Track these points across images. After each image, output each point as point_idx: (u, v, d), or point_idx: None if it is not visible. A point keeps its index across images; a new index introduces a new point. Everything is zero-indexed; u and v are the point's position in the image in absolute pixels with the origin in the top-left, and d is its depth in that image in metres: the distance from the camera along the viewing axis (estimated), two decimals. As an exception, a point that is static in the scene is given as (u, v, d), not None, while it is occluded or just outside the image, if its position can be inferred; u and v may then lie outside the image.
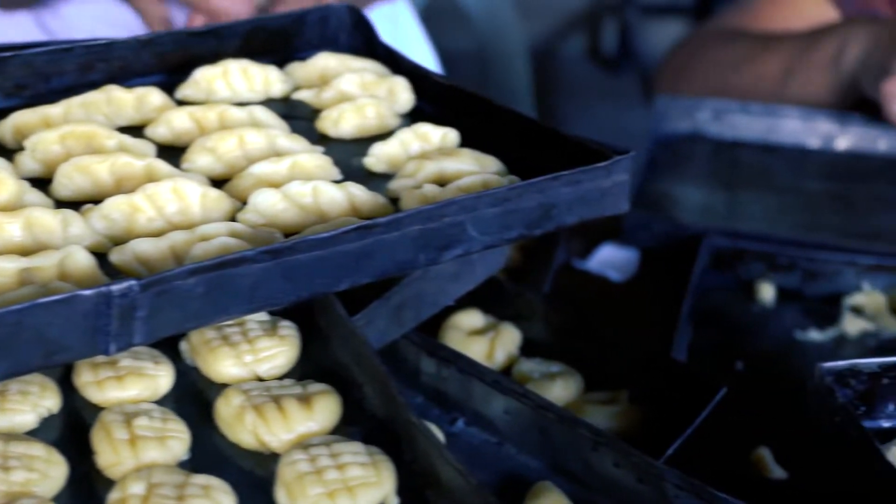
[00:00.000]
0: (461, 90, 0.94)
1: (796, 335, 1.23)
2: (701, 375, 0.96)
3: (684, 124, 1.56)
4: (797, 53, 1.60)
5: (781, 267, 1.28)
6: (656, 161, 1.50)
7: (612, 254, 1.34)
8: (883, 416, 0.88)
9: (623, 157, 0.84)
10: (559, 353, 1.01)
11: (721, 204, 1.43)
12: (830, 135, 1.53)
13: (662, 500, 0.79)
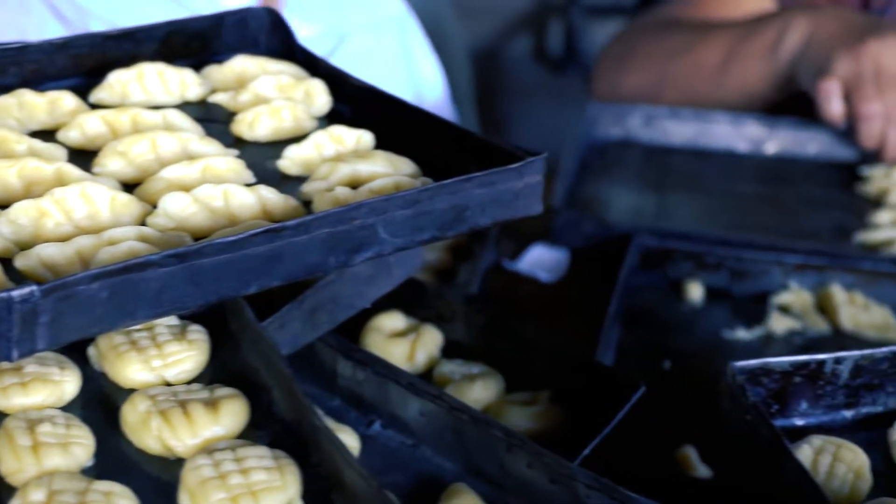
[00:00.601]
0: (378, 92, 0.94)
1: (724, 334, 1.24)
2: (621, 375, 0.96)
3: (616, 130, 1.56)
4: (736, 42, 1.60)
5: (709, 266, 1.29)
6: (588, 165, 1.51)
7: (542, 254, 1.35)
8: (796, 415, 0.89)
9: (536, 159, 0.84)
10: (481, 354, 1.01)
11: (651, 206, 1.44)
12: (760, 139, 1.54)
13: (575, 500, 0.79)
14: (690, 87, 1.64)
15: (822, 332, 1.23)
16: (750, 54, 1.58)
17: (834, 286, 1.24)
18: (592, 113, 1.55)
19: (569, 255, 1.34)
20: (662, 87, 1.66)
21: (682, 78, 1.64)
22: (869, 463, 0.84)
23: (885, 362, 0.88)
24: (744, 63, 1.59)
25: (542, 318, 1.28)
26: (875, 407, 0.90)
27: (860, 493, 0.82)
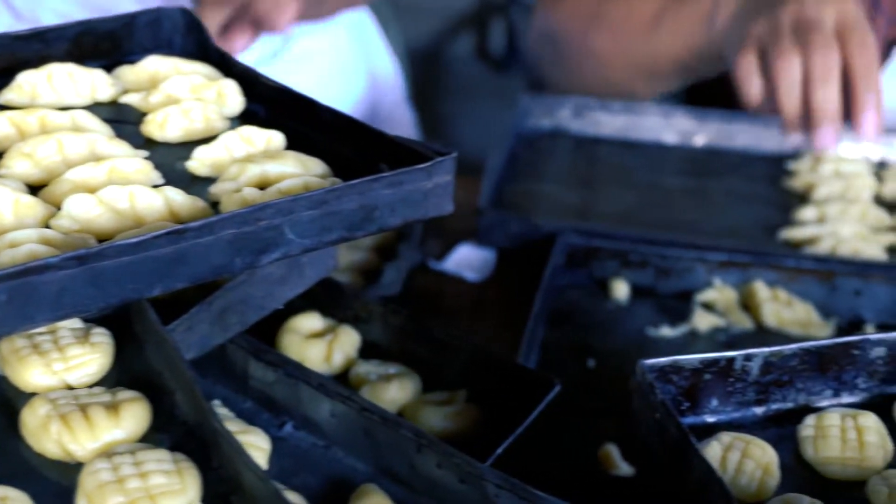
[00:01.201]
0: (292, 93, 0.94)
1: (648, 332, 1.25)
2: (536, 374, 0.96)
3: (546, 121, 1.56)
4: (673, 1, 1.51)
5: (634, 264, 1.29)
6: (518, 159, 1.51)
7: (468, 254, 1.35)
8: (707, 412, 0.89)
9: (445, 159, 0.84)
10: (398, 354, 1.01)
11: (579, 202, 1.44)
12: (689, 131, 1.54)
13: (484, 499, 0.79)
14: (621, 33, 1.57)
15: (746, 329, 1.24)
16: (684, 18, 1.50)
17: (757, 283, 1.25)
18: (523, 104, 1.55)
19: (495, 255, 1.34)
20: (593, 25, 1.60)
21: (614, 21, 1.58)
22: (777, 459, 0.85)
23: (795, 359, 0.89)
24: (677, 26, 1.51)
25: (467, 318, 1.29)
26: (785, 403, 0.90)
27: (768, 489, 0.83)
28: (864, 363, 0.90)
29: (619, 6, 1.58)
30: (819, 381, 0.90)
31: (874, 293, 1.25)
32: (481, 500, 0.79)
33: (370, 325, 1.02)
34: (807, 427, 0.87)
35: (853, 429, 0.87)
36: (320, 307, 1.03)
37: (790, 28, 1.31)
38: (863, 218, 1.37)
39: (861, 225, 1.36)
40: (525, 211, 1.40)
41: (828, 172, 1.45)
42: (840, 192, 1.41)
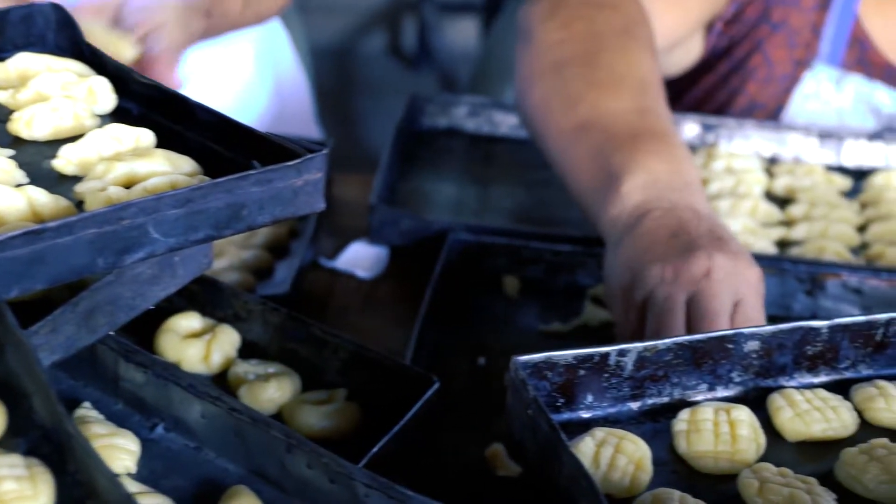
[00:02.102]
0: (164, 90, 0.92)
1: (540, 328, 1.25)
2: (415, 372, 0.96)
3: (442, 120, 1.56)
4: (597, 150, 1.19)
5: (526, 261, 1.29)
6: (414, 157, 1.50)
7: (360, 251, 1.34)
8: (582, 407, 0.89)
9: (314, 156, 0.83)
10: (278, 354, 1.00)
11: (474, 199, 1.44)
12: (583, 128, 1.54)
13: (354, 499, 0.78)
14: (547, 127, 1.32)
15: (636, 324, 1.24)
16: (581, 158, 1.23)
17: (647, 278, 1.25)
18: (417, 103, 1.54)
19: (388, 252, 1.34)
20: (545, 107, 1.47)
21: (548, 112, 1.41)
22: (650, 454, 0.85)
23: (669, 353, 0.89)
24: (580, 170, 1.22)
25: (358, 316, 1.28)
26: (661, 398, 0.91)
27: (640, 484, 0.83)
28: (738, 357, 0.91)
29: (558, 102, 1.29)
30: (694, 376, 0.90)
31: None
32: (351, 500, 0.79)
33: (250, 324, 1.01)
34: (680, 421, 0.88)
35: (726, 423, 0.87)
36: (200, 307, 1.02)
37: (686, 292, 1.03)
38: (753, 213, 1.38)
39: (751, 219, 1.37)
40: (419, 208, 1.40)
41: (720, 168, 1.46)
42: (731, 188, 1.42)
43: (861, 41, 1.52)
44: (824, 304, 1.26)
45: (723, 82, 1.57)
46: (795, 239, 1.35)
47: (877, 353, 0.94)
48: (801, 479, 0.83)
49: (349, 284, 1.32)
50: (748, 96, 1.55)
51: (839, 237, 1.34)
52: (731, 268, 1.02)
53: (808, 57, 1.52)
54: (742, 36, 1.53)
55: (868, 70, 1.53)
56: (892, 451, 0.85)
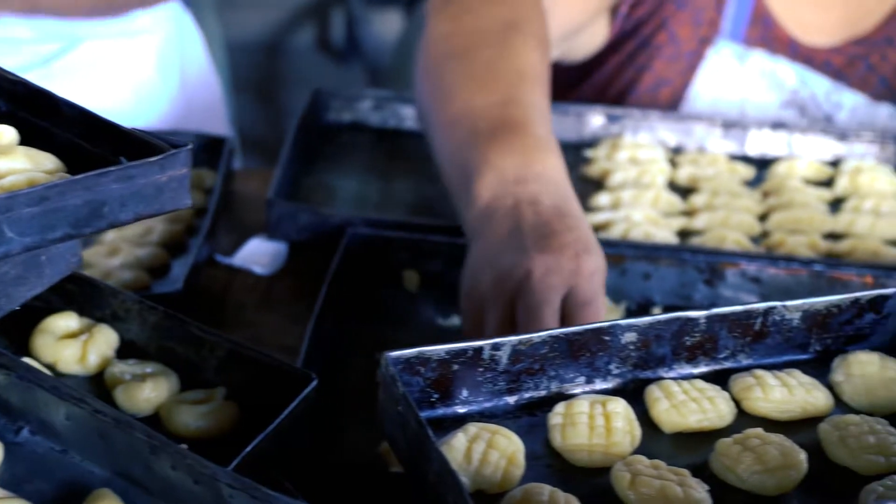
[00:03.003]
0: (29, 86, 0.90)
1: (439, 322, 1.24)
2: (293, 369, 0.94)
3: (347, 115, 1.55)
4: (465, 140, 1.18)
5: (426, 254, 1.28)
6: (318, 152, 1.49)
7: (259, 247, 1.33)
8: (458, 402, 0.88)
9: (178, 152, 0.82)
10: (157, 353, 0.98)
11: (376, 193, 1.43)
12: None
13: (218, 501, 0.77)
14: None
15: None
16: None
17: (546, 270, 1.24)
18: (320, 97, 1.53)
19: (286, 248, 1.32)
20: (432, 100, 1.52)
21: None
22: (524, 449, 0.84)
23: (545, 346, 0.88)
24: None
25: (255, 312, 1.26)
26: (538, 391, 0.90)
27: (513, 479, 0.82)
28: (615, 349, 0.90)
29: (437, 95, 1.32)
30: (571, 368, 0.90)
31: (663, 276, 1.25)
32: (216, 501, 0.77)
33: (128, 323, 0.99)
34: (555, 415, 0.87)
35: (601, 415, 0.86)
36: (78, 306, 1.00)
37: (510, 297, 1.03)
38: (655, 203, 1.38)
39: (653, 209, 1.36)
40: (321, 203, 1.39)
41: (624, 159, 1.46)
42: (635, 178, 1.42)
43: (763, 17, 1.53)
44: (724, 294, 1.26)
45: (629, 61, 1.57)
46: (697, 228, 1.35)
47: (756, 342, 0.94)
48: (674, 471, 0.82)
49: (247, 281, 1.30)
50: (655, 74, 1.55)
51: (740, 226, 1.34)
52: (551, 263, 1.01)
53: (712, 34, 1.53)
54: (648, 15, 1.53)
55: (771, 45, 1.54)
56: (765, 441, 0.84)
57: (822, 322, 0.95)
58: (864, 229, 1.35)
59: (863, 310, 0.95)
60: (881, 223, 1.35)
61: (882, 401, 0.92)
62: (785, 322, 0.94)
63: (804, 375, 0.92)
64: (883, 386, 0.92)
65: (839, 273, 1.23)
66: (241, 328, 1.23)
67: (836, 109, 1.57)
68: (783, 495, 0.83)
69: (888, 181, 1.43)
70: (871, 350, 0.95)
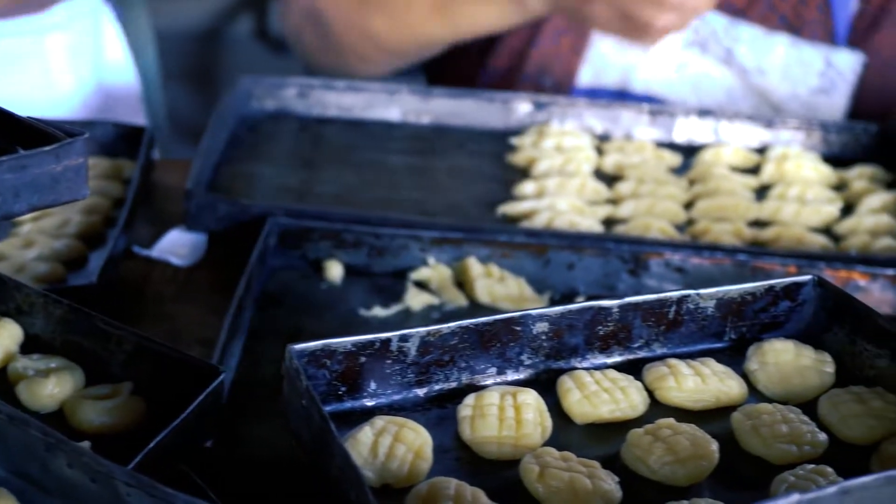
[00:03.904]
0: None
1: (361, 313, 1.22)
2: (201, 363, 0.92)
3: (270, 103, 1.53)
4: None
5: (348, 244, 1.26)
6: (240, 141, 1.47)
7: (178, 238, 1.30)
8: (366, 395, 0.87)
9: (73, 141, 0.80)
10: (63, 347, 0.96)
11: (300, 182, 1.40)
12: (414, 109, 1.52)
13: (116, 499, 0.75)
14: (400, 17, 1.58)
15: (461, 306, 1.22)
16: (482, 8, 1.53)
17: (470, 259, 1.23)
18: (244, 86, 1.50)
19: (206, 239, 1.30)
20: (368, 8, 1.61)
21: (393, 6, 1.59)
22: (431, 442, 0.83)
23: (454, 337, 0.87)
24: (475, 11, 1.54)
25: (175, 305, 1.24)
26: (449, 383, 0.88)
27: (420, 473, 0.81)
28: (527, 339, 0.89)
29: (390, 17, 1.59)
30: (482, 359, 0.88)
31: (587, 265, 1.24)
32: (114, 500, 0.75)
33: (33, 317, 0.97)
34: (465, 407, 0.86)
35: (512, 407, 0.85)
36: (-19, 301, 0.97)
37: None
38: (581, 191, 1.37)
39: (578, 198, 1.35)
40: (243, 193, 1.36)
41: (549, 147, 1.44)
42: (560, 166, 1.41)
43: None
44: (648, 284, 1.25)
45: None
46: (622, 216, 1.34)
47: (670, 331, 0.93)
48: (584, 462, 0.81)
49: (165, 273, 1.28)
50: (554, 24, 1.57)
51: (665, 214, 1.33)
52: None
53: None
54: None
55: None
56: (676, 432, 0.83)
57: (736, 310, 0.94)
58: (789, 216, 1.34)
59: (777, 297, 0.95)
60: (806, 210, 1.35)
61: (796, 389, 0.91)
62: (699, 310, 0.93)
63: (718, 364, 0.91)
64: (797, 374, 0.91)
65: (763, 262, 1.23)
66: (160, 321, 1.21)
67: (734, 43, 1.58)
68: (695, 485, 0.83)
69: (814, 168, 1.43)
70: (787, 338, 0.94)
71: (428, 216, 1.33)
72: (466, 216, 1.35)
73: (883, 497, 0.71)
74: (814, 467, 0.81)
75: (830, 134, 1.50)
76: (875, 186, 1.40)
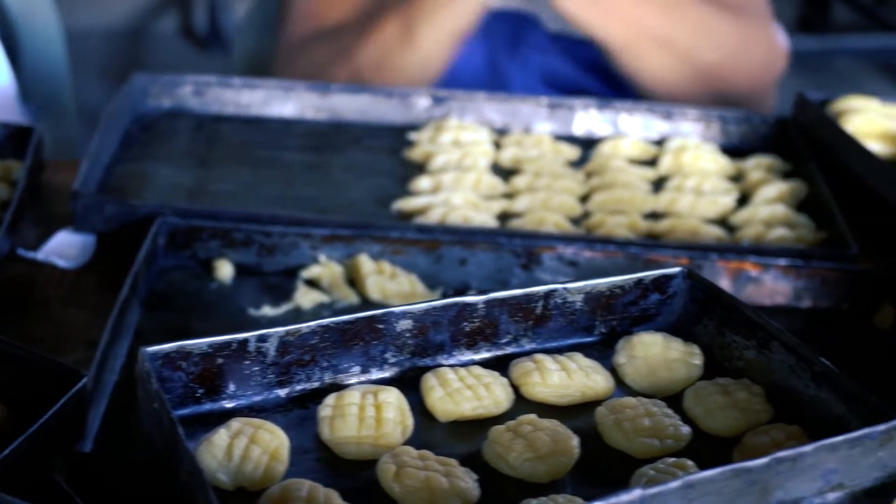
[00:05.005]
0: None
1: (250, 312, 1.21)
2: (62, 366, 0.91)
3: (166, 101, 1.51)
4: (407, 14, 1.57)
5: (238, 243, 1.25)
6: (134, 140, 1.45)
7: (65, 240, 1.28)
8: (225, 397, 0.85)
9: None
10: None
11: (193, 181, 1.39)
12: (311, 105, 1.51)
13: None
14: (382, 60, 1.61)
15: (352, 304, 1.21)
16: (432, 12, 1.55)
17: (361, 257, 1.22)
18: (138, 83, 1.48)
19: (94, 240, 1.28)
20: (341, 63, 1.64)
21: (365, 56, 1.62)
22: (288, 443, 0.82)
23: (315, 336, 0.86)
24: (430, 23, 1.57)
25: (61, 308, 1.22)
26: (311, 383, 0.87)
27: (276, 475, 0.80)
28: (391, 336, 0.88)
29: None
30: (345, 358, 0.87)
31: (479, 261, 1.23)
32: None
33: None
34: (326, 407, 0.84)
35: (373, 406, 0.84)
36: None
37: None
38: (477, 186, 1.36)
39: (474, 193, 1.34)
40: (136, 194, 1.35)
41: (447, 142, 1.43)
42: (457, 161, 1.40)
43: None
44: (542, 278, 1.24)
45: None
46: (517, 211, 1.33)
47: (538, 326, 0.92)
48: (442, 461, 0.80)
49: (52, 275, 1.26)
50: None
51: (561, 207, 1.33)
52: None
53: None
54: None
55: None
56: (537, 428, 0.83)
57: (605, 304, 0.93)
58: (685, 208, 1.34)
59: (647, 290, 0.94)
60: (702, 202, 1.34)
61: (664, 382, 0.90)
62: (567, 304, 0.92)
63: (585, 359, 0.91)
64: (665, 367, 0.91)
65: (655, 255, 1.22)
66: (44, 324, 1.19)
67: None
68: (557, 481, 0.82)
69: (711, 159, 1.43)
70: (658, 331, 0.94)
71: (322, 213, 1.31)
72: (361, 213, 1.33)
73: (729, 490, 0.71)
74: (674, 461, 0.81)
75: (729, 125, 1.50)
76: (771, 177, 1.40)
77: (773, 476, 0.72)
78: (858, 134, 1.39)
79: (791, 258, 1.23)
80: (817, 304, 1.22)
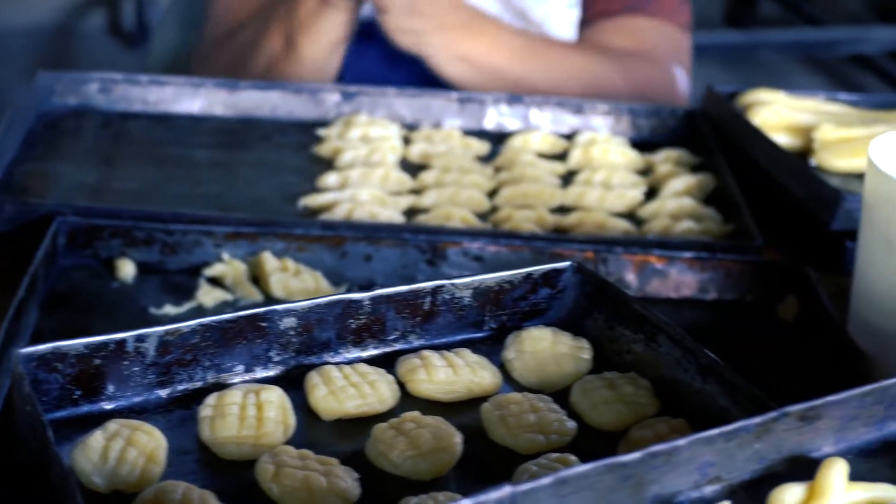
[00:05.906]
0: None
1: (152, 311, 1.19)
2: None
3: (72, 99, 1.49)
4: (287, 23, 1.58)
5: (139, 242, 1.23)
6: (38, 139, 1.43)
7: (-38, 242, 1.26)
8: (104, 398, 0.84)
9: None
10: None
11: (97, 180, 1.37)
12: (220, 102, 1.49)
13: None
14: None
15: (256, 302, 1.19)
16: (309, 23, 1.55)
17: (265, 254, 1.21)
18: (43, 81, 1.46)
19: (-7, 241, 1.26)
20: None
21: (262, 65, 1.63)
22: (166, 445, 0.80)
23: (196, 335, 0.85)
24: (309, 34, 1.57)
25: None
26: (193, 383, 0.86)
27: (152, 477, 0.79)
28: (274, 335, 0.87)
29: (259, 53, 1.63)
30: (228, 357, 0.86)
31: (384, 257, 1.22)
32: None
33: None
34: (206, 407, 0.83)
35: (254, 405, 0.83)
36: None
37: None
38: (384, 181, 1.35)
39: (381, 189, 1.33)
40: (36, 193, 1.33)
41: (355, 137, 1.42)
42: (365, 157, 1.39)
43: None
44: (448, 273, 1.23)
45: None
46: (424, 206, 1.33)
47: (426, 322, 0.91)
48: (322, 460, 0.79)
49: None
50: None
51: (468, 202, 1.32)
52: None
53: None
54: None
55: None
56: (420, 425, 0.82)
57: (494, 299, 0.93)
58: (593, 202, 1.34)
59: (537, 285, 0.94)
60: (610, 196, 1.34)
61: (553, 377, 0.90)
62: (456, 300, 0.92)
63: (473, 354, 0.90)
64: (553, 362, 0.90)
65: (560, 249, 1.22)
66: (-60, 326, 1.17)
67: None
68: (440, 478, 0.81)
69: (621, 153, 1.43)
70: (548, 325, 0.93)
71: (227, 211, 1.30)
72: (268, 210, 1.32)
73: (604, 486, 0.70)
74: (557, 456, 0.81)
75: (639, 118, 1.50)
76: (680, 170, 1.40)
77: (649, 470, 0.72)
78: (765, 126, 1.39)
79: (696, 251, 1.22)
80: (722, 296, 1.22)
